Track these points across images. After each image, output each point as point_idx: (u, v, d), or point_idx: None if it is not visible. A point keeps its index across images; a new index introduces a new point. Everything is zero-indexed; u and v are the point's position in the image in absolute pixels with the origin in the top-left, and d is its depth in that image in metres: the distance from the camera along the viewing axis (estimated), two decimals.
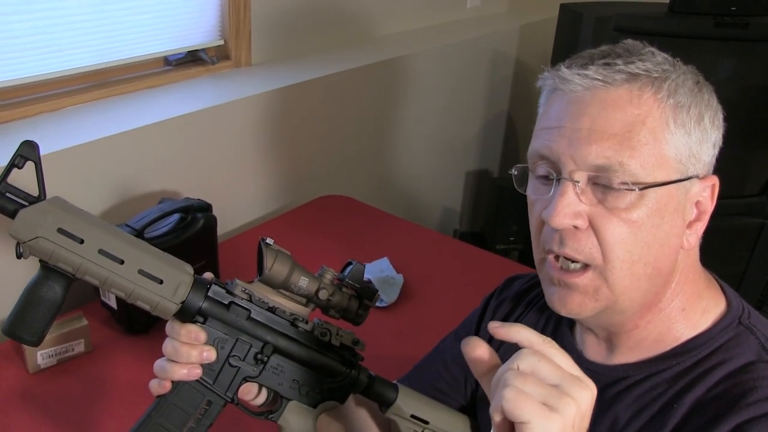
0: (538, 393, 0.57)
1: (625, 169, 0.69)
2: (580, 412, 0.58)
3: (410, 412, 0.85)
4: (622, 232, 0.70)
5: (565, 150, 0.71)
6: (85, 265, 0.68)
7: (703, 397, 0.72)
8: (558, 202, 0.70)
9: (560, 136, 0.71)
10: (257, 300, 0.77)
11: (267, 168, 2.06)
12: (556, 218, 0.70)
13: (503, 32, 2.98)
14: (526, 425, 0.56)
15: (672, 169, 0.71)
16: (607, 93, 0.70)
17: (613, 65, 0.71)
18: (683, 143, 0.71)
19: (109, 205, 1.64)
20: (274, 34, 2.12)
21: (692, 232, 0.75)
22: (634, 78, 0.70)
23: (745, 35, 2.19)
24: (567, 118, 0.71)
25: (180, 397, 0.75)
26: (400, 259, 1.80)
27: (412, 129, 2.61)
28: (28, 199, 0.68)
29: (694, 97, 0.72)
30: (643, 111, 0.70)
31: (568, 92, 0.72)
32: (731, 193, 2.28)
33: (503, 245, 2.81)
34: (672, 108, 0.70)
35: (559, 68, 0.73)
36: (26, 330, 0.70)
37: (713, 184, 0.74)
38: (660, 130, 0.70)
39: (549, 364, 0.59)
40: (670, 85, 0.71)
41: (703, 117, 0.72)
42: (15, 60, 1.56)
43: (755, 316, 0.77)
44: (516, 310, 0.95)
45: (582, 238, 0.71)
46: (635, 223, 0.70)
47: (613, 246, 0.71)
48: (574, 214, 0.71)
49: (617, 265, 0.71)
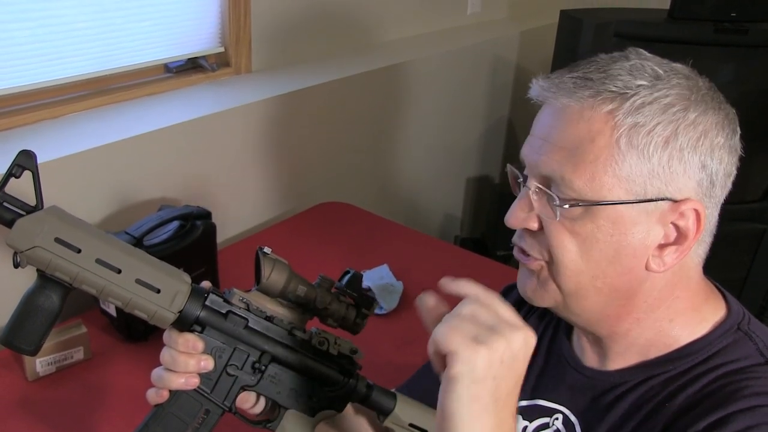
0: (469, 329, 0.61)
1: (566, 184, 0.70)
2: (510, 350, 0.61)
3: (408, 420, 0.85)
4: (566, 241, 0.72)
5: (527, 156, 0.75)
6: (82, 274, 0.68)
7: (695, 395, 0.72)
8: (514, 204, 0.76)
9: (528, 143, 0.76)
10: (255, 309, 0.77)
11: (267, 175, 2.06)
12: (509, 220, 0.76)
13: (504, 38, 2.98)
14: (453, 355, 0.60)
15: (623, 190, 0.69)
16: (569, 106, 0.71)
17: (586, 78, 0.70)
18: (636, 164, 0.69)
19: (109, 213, 1.64)
20: (274, 41, 2.12)
21: (666, 254, 0.72)
22: (597, 94, 0.69)
23: (745, 41, 2.19)
24: (536, 126, 0.76)
25: (177, 406, 0.74)
26: (400, 266, 1.80)
27: (412, 135, 2.61)
28: (25, 208, 0.68)
29: (665, 117, 0.68)
30: (595, 128, 0.69)
31: (547, 99, 0.74)
32: (732, 198, 2.28)
33: (504, 251, 2.81)
34: (628, 128, 0.68)
35: (542, 76, 0.76)
36: (23, 339, 0.70)
37: (695, 208, 0.70)
38: (608, 148, 0.69)
39: (488, 310, 0.63)
40: (635, 103, 0.68)
41: (676, 137, 0.68)
42: (15, 67, 1.56)
43: (755, 323, 0.77)
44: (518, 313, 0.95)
45: (534, 238, 0.75)
46: (579, 236, 0.72)
47: (558, 251, 0.73)
48: (525, 218, 0.75)
49: (562, 270, 0.74)
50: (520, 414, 0.87)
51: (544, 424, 0.84)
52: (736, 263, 2.47)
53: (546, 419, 0.84)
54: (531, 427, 0.85)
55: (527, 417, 0.86)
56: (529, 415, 0.86)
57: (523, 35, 3.04)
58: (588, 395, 0.81)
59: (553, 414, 0.83)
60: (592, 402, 0.80)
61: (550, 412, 0.84)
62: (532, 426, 0.85)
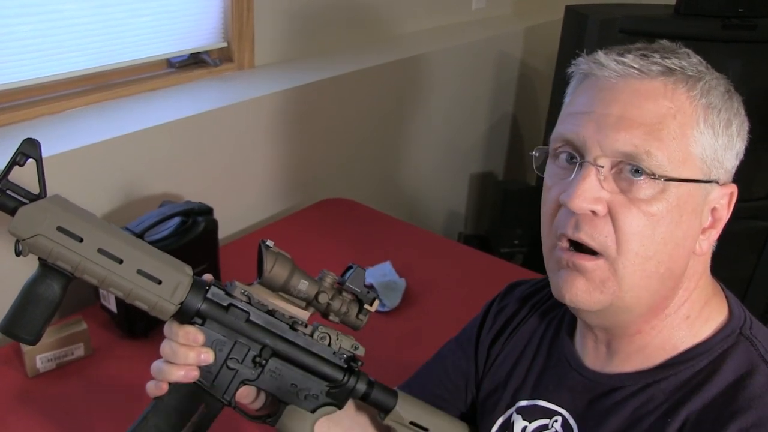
0: None
1: (651, 159, 0.68)
2: None
3: (409, 419, 0.84)
4: (640, 224, 0.69)
5: (592, 135, 0.70)
6: (83, 263, 0.68)
7: (698, 413, 0.71)
8: (579, 185, 0.69)
9: (589, 121, 0.70)
10: (256, 302, 0.76)
11: (269, 171, 2.06)
12: (575, 200, 0.69)
13: (508, 34, 2.97)
14: None
15: (696, 168, 0.70)
16: (641, 83, 0.70)
17: (650, 57, 0.70)
18: (710, 144, 0.70)
19: (110, 209, 1.64)
20: (277, 36, 2.11)
21: (705, 238, 0.74)
22: (670, 72, 0.70)
23: (753, 37, 2.17)
24: (597, 104, 0.71)
25: (177, 400, 0.74)
26: (403, 263, 1.79)
27: (415, 131, 2.61)
28: (28, 196, 0.68)
29: (724, 102, 0.72)
30: (675, 105, 0.69)
31: (601, 78, 0.72)
32: (738, 196, 2.27)
33: (508, 248, 2.80)
34: (703, 108, 0.70)
35: (596, 53, 0.73)
36: (23, 328, 0.70)
37: (731, 192, 0.74)
38: (689, 126, 0.69)
39: None
40: (704, 86, 0.71)
41: (731, 123, 0.72)
42: (16, 62, 1.56)
43: (757, 327, 0.76)
44: (519, 313, 0.94)
45: (598, 225, 0.70)
46: (654, 216, 0.69)
47: (630, 237, 0.69)
48: (594, 199, 0.69)
49: (630, 258, 0.70)
50: (520, 414, 0.86)
51: (543, 425, 0.83)
52: (742, 262, 2.46)
53: (545, 420, 0.83)
54: (531, 427, 0.85)
55: (527, 417, 0.85)
56: (529, 416, 0.85)
57: (528, 31, 3.03)
58: (586, 397, 0.80)
59: (553, 416, 0.82)
60: (590, 404, 0.79)
61: (550, 414, 0.83)
62: (532, 426, 0.85)
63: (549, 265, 0.76)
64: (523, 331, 0.92)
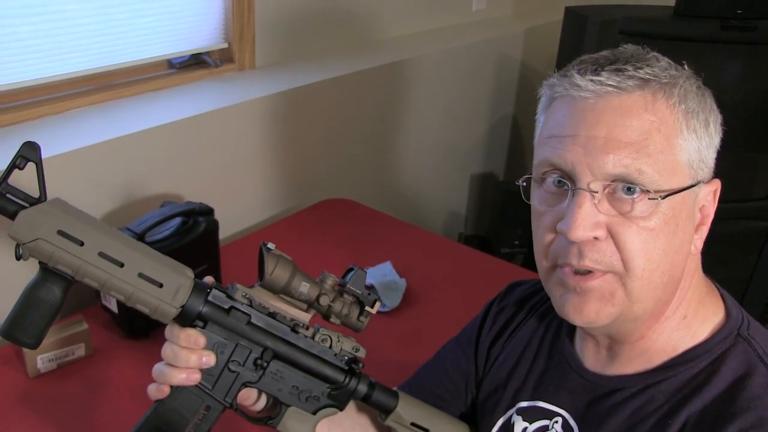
0: None
1: (643, 176, 0.68)
2: None
3: (410, 419, 0.85)
4: (642, 240, 0.69)
5: (581, 159, 0.69)
6: (84, 267, 0.68)
7: (697, 414, 0.71)
8: (576, 214, 0.68)
9: (574, 145, 0.69)
10: (257, 305, 0.76)
11: (270, 171, 2.06)
12: (576, 231, 0.68)
13: (508, 35, 2.97)
14: None
15: (685, 175, 0.70)
16: (620, 99, 0.69)
17: (624, 71, 0.69)
18: (695, 148, 0.71)
19: (111, 209, 1.64)
20: (278, 37, 2.11)
21: (698, 237, 0.75)
22: (646, 84, 0.69)
23: (752, 38, 2.17)
24: (581, 126, 0.69)
25: (178, 402, 0.74)
26: (403, 264, 1.79)
27: (416, 132, 2.61)
28: (28, 200, 0.68)
29: (700, 103, 0.72)
30: (658, 118, 0.69)
31: (578, 99, 0.70)
32: (738, 197, 2.26)
33: (508, 249, 2.81)
34: (683, 114, 0.70)
35: (571, 74, 0.71)
36: (24, 332, 0.70)
37: (716, 188, 0.75)
38: (674, 136, 0.69)
39: None
40: (680, 92, 0.70)
41: (708, 123, 0.72)
42: (18, 63, 1.56)
43: (755, 327, 0.76)
44: (518, 315, 0.94)
45: (602, 248, 0.69)
46: (653, 230, 0.69)
47: (634, 254, 0.69)
48: (593, 225, 0.69)
49: (638, 273, 0.70)
50: (520, 415, 0.86)
51: (543, 426, 0.83)
52: (741, 262, 2.46)
53: (546, 422, 0.83)
54: (531, 428, 0.85)
55: (527, 418, 0.85)
56: (530, 417, 0.85)
57: (528, 32, 3.03)
58: (586, 398, 0.80)
59: (553, 417, 0.83)
60: (589, 406, 0.80)
61: (550, 415, 0.83)
62: (532, 427, 0.85)
63: (549, 285, 0.76)
64: (523, 332, 0.92)
